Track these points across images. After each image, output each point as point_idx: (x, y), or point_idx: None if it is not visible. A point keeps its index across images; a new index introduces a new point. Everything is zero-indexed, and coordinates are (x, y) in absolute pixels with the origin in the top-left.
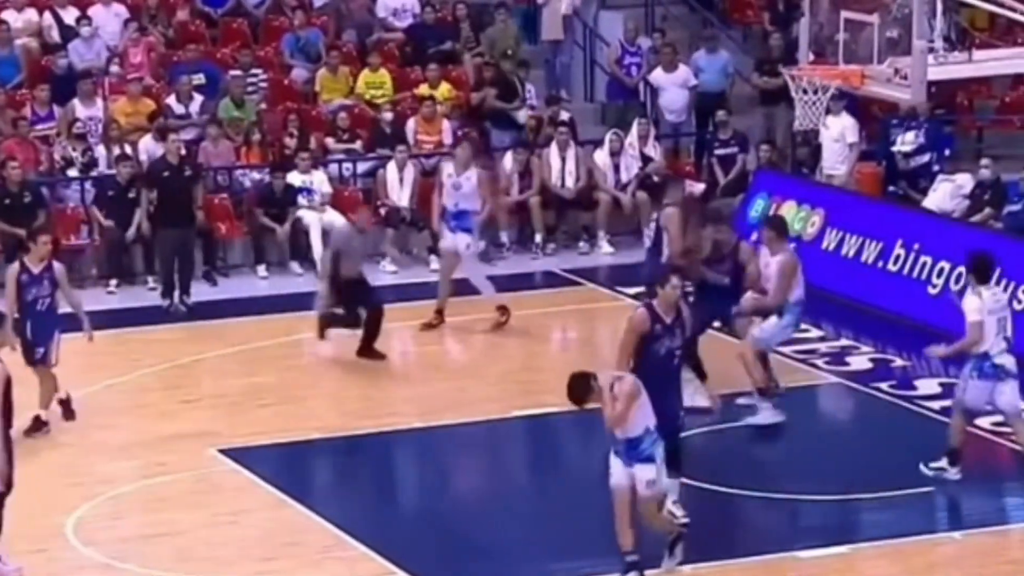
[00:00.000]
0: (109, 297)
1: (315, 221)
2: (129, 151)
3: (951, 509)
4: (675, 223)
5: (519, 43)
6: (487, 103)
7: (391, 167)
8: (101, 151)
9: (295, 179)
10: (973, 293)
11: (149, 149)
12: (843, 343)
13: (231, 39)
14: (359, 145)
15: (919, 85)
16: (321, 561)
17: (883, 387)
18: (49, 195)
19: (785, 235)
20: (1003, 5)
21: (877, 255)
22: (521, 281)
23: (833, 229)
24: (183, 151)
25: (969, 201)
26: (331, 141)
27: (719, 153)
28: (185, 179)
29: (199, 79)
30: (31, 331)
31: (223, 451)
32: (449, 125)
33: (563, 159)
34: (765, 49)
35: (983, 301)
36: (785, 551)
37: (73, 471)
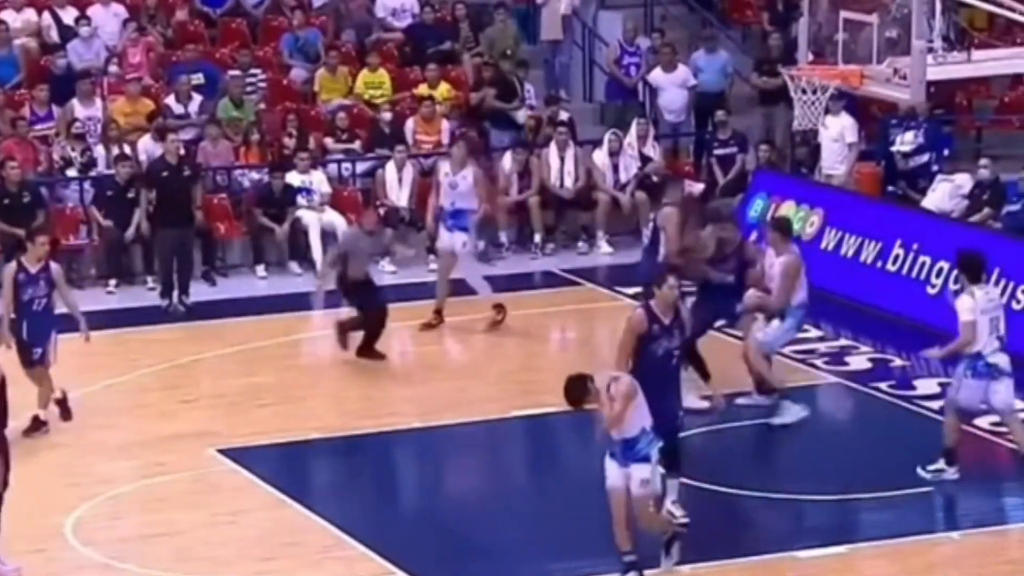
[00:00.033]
0: (108, 297)
1: (314, 221)
2: (128, 151)
3: (950, 509)
4: (672, 222)
5: (518, 43)
6: (486, 103)
7: (390, 167)
8: (100, 151)
9: (294, 179)
10: (965, 293)
11: (148, 149)
12: (842, 343)
13: (230, 39)
14: (358, 145)
15: (918, 85)
16: (320, 561)
17: (882, 387)
18: (48, 195)
19: (790, 236)
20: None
21: (876, 255)
22: (520, 281)
23: (832, 229)
24: (182, 151)
25: (968, 201)
26: (330, 141)
27: (718, 153)
28: (184, 179)
29: (198, 79)
30: (27, 331)
31: (222, 451)
32: (448, 125)
33: (562, 159)
34: (764, 49)
35: (976, 301)
36: (784, 551)
37: (72, 471)
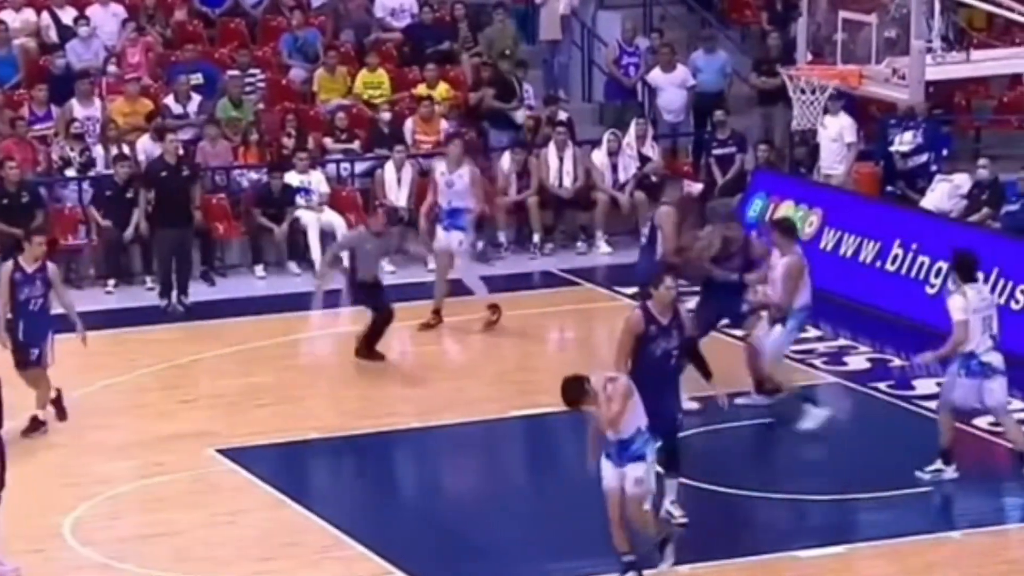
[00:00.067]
0: (107, 297)
1: (313, 221)
2: (127, 151)
3: (949, 509)
4: (669, 222)
5: (517, 43)
6: (485, 103)
7: (389, 167)
8: (99, 151)
9: (293, 179)
10: (958, 292)
11: (147, 149)
12: (841, 343)
13: (229, 39)
14: (357, 145)
15: (917, 85)
16: (319, 561)
17: (881, 387)
18: (47, 195)
19: (793, 237)
20: (1001, 5)
21: (875, 255)
22: (519, 281)
23: (831, 229)
24: (181, 151)
25: (967, 201)
26: (329, 141)
27: (717, 153)
28: (183, 179)
29: (197, 79)
30: (23, 331)
31: (221, 451)
32: (447, 125)
33: (561, 159)
34: (763, 49)
35: (968, 300)
36: (783, 551)
37: (71, 471)
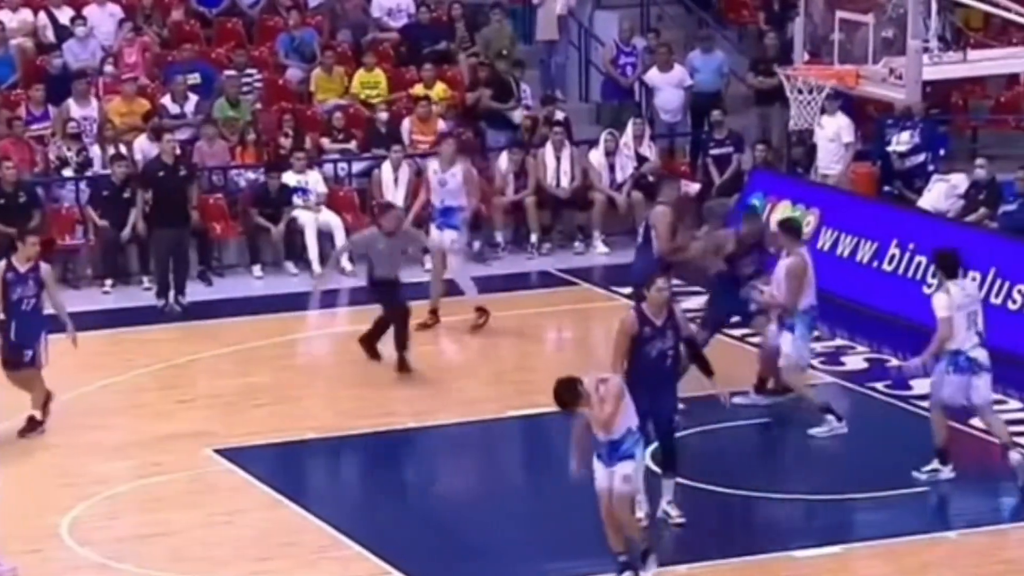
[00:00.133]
0: (104, 297)
1: (310, 221)
2: (124, 151)
3: (945, 509)
4: (663, 221)
5: (514, 43)
6: (482, 103)
7: (386, 167)
8: (96, 151)
9: (290, 179)
10: (941, 290)
11: (144, 149)
12: (838, 343)
13: (226, 39)
14: (354, 145)
15: (914, 85)
16: (316, 561)
17: (878, 387)
18: (44, 195)
19: (798, 238)
20: (998, 5)
21: (872, 255)
22: (516, 281)
23: (828, 229)
24: (178, 151)
25: (964, 201)
26: (326, 141)
27: (714, 153)
28: (180, 179)
29: (194, 79)
30: (16, 332)
31: (218, 451)
32: (444, 125)
33: (558, 159)
34: (760, 49)
35: (951, 297)
36: (779, 551)
37: (68, 471)
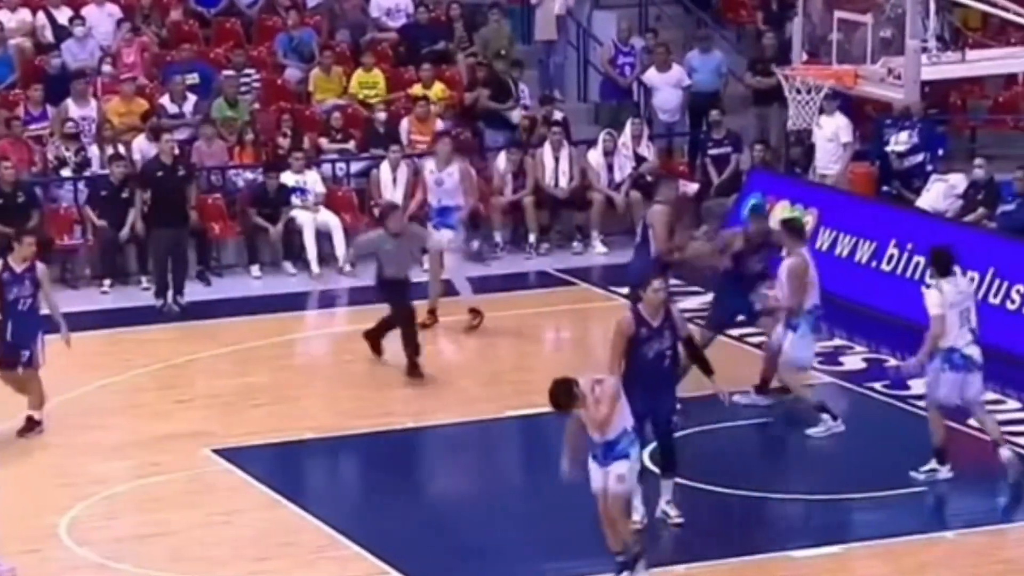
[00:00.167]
0: (102, 297)
1: (309, 221)
2: (122, 151)
3: (943, 509)
4: (660, 220)
5: (512, 43)
6: (480, 103)
7: (384, 167)
8: (94, 151)
9: (288, 179)
10: (933, 287)
11: (142, 149)
12: (836, 343)
13: (224, 39)
14: (352, 145)
15: (912, 85)
16: (315, 561)
17: (876, 387)
18: (42, 195)
19: (800, 238)
20: (996, 5)
21: (871, 255)
22: (515, 281)
23: (827, 229)
24: (176, 151)
25: (962, 201)
26: (324, 141)
27: (712, 153)
28: (178, 179)
29: (192, 79)
30: (12, 332)
31: (217, 451)
32: (443, 125)
33: (557, 159)
34: (758, 49)
35: (943, 295)
36: (777, 551)
37: (66, 471)
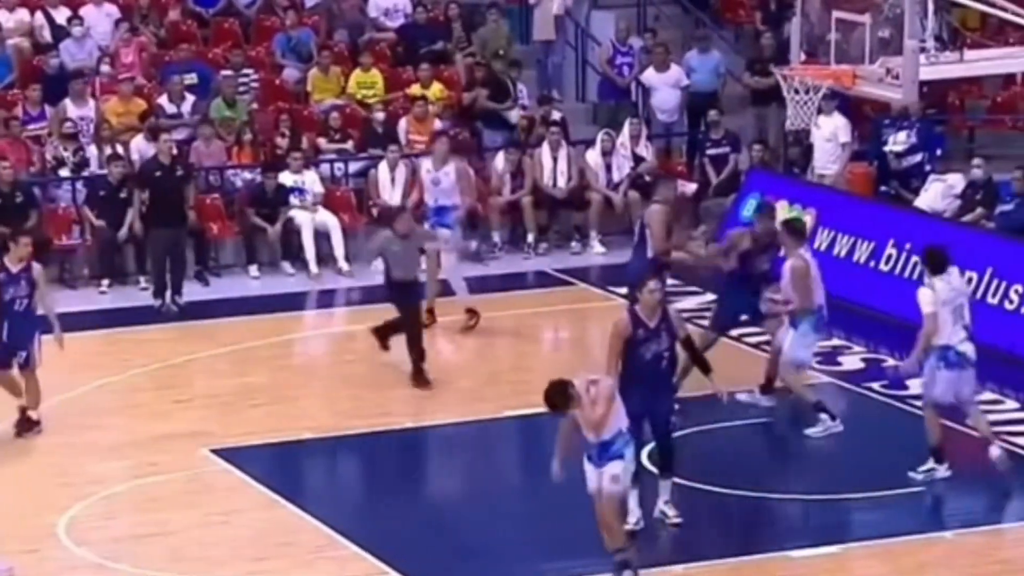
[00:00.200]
0: (101, 297)
1: (307, 221)
2: (121, 151)
3: (942, 509)
4: (657, 220)
5: (511, 43)
6: (479, 103)
7: (383, 167)
8: (93, 151)
9: (287, 179)
10: (926, 285)
11: (141, 149)
12: (835, 343)
13: (222, 39)
14: (351, 145)
15: (911, 85)
16: (313, 561)
17: (875, 387)
18: (41, 195)
19: (801, 239)
20: (994, 5)
21: (869, 255)
22: (513, 281)
23: (825, 229)
24: (175, 151)
25: (961, 201)
26: (323, 141)
27: (711, 153)
28: (177, 179)
29: (190, 79)
30: (9, 332)
31: (215, 451)
32: (441, 125)
33: (555, 159)
34: (757, 49)
35: (936, 293)
36: (776, 551)
37: (65, 471)
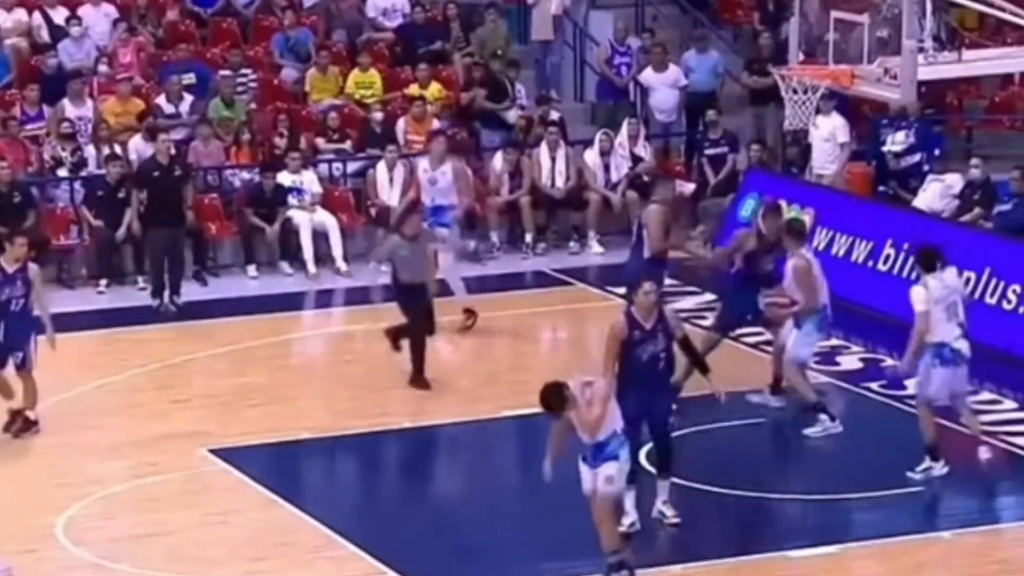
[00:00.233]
0: (99, 297)
1: (305, 221)
2: (119, 151)
3: (940, 509)
4: (655, 220)
5: (509, 43)
6: (477, 103)
7: (381, 167)
8: (91, 151)
9: (285, 179)
10: (919, 284)
11: (139, 149)
12: (833, 343)
13: (221, 39)
14: (349, 145)
15: (909, 85)
16: (311, 561)
17: (873, 387)
18: (39, 195)
19: (801, 238)
20: (993, 5)
21: (867, 255)
22: (511, 281)
23: (823, 229)
24: (173, 151)
25: (959, 201)
26: (321, 141)
27: (709, 153)
28: (175, 179)
29: (189, 79)
30: (4, 333)
31: (213, 451)
32: (439, 125)
33: (553, 159)
34: (755, 49)
35: (929, 291)
36: (774, 551)
37: (63, 471)
